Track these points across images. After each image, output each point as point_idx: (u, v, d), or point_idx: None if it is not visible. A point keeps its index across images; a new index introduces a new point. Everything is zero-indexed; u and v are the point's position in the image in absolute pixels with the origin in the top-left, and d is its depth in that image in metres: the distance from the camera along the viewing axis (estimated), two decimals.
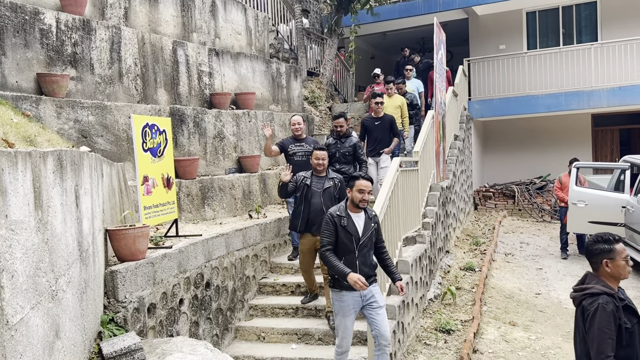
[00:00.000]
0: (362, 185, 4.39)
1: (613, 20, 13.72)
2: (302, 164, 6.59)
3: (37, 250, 2.52)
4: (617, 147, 14.52)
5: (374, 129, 8.21)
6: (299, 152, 6.87)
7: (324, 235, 4.44)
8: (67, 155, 3.14)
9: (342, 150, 6.87)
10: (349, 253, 4.42)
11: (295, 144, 6.91)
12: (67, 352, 2.94)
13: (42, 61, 6.18)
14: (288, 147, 6.91)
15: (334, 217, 4.43)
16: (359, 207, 4.47)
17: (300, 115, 7.19)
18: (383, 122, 8.17)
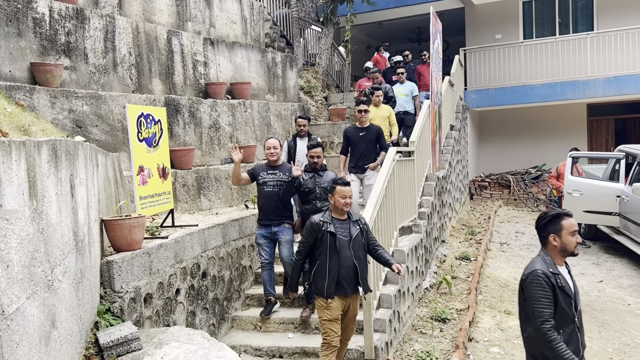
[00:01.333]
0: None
1: (609, 10, 13.70)
2: (272, 196, 5.66)
3: (33, 240, 2.51)
4: (613, 136, 14.56)
5: (358, 141, 7.20)
6: (270, 182, 5.72)
7: None
8: (61, 144, 3.12)
9: (323, 184, 5.67)
10: None
11: (268, 172, 5.76)
12: (63, 341, 2.94)
13: (36, 50, 6.12)
14: (259, 175, 5.78)
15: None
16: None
17: (276, 139, 5.91)
18: (368, 133, 7.20)
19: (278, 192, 5.65)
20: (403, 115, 9.57)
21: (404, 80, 9.89)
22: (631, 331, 6.20)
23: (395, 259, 6.19)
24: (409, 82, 9.98)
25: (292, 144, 7.19)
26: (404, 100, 9.70)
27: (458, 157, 11.42)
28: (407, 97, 9.78)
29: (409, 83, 9.93)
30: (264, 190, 5.71)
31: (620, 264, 8.69)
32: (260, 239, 5.73)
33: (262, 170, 5.79)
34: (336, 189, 4.50)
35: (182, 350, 3.46)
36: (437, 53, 8.70)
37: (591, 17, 14.00)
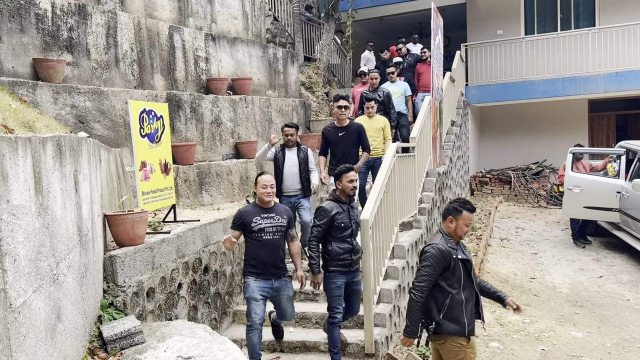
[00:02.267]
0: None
1: (611, 6, 13.68)
2: (273, 246, 4.71)
3: (38, 235, 2.55)
4: (614, 132, 14.56)
5: (338, 142, 6.49)
6: (269, 228, 4.70)
7: None
8: (66, 140, 3.16)
9: (358, 219, 5.05)
10: None
11: (263, 216, 4.72)
12: (68, 334, 2.99)
13: (38, 46, 6.16)
14: (251, 222, 4.68)
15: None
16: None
17: (271, 175, 4.98)
18: (348, 132, 6.48)
19: (279, 239, 4.75)
20: (397, 117, 8.90)
21: (395, 79, 9.34)
22: (630, 326, 6.24)
23: (396, 255, 6.26)
24: (401, 82, 9.47)
25: (280, 156, 6.35)
26: (397, 101, 9.06)
27: (459, 153, 11.45)
28: (400, 98, 9.25)
29: (401, 82, 9.45)
30: (261, 239, 4.66)
31: (620, 260, 8.73)
32: (257, 294, 4.65)
33: (253, 215, 4.68)
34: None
35: (184, 344, 3.51)
36: (438, 49, 8.72)
37: (593, 12, 13.99)
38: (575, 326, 6.27)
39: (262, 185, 4.71)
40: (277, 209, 4.82)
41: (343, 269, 4.78)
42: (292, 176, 6.33)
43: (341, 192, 4.84)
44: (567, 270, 8.38)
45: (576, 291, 7.48)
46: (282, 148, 6.43)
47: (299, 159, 6.36)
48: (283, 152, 6.40)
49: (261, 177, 4.76)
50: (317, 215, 4.80)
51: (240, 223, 4.72)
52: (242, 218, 4.72)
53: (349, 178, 4.78)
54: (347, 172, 4.80)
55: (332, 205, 4.79)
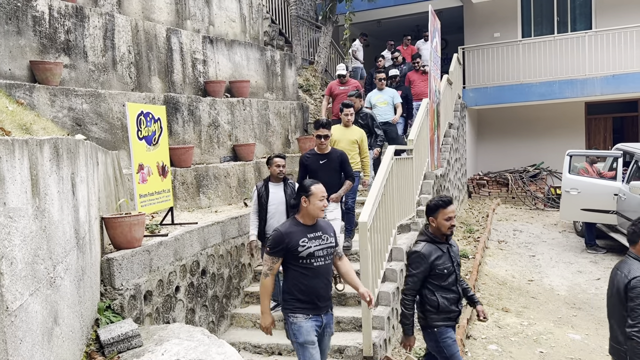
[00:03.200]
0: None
1: (607, 8, 13.73)
2: (324, 274, 3.82)
3: (35, 238, 2.54)
4: (610, 135, 14.61)
5: (317, 170, 5.91)
6: (319, 251, 3.76)
7: None
8: (63, 143, 3.14)
9: (459, 259, 4.42)
10: None
11: (310, 235, 3.76)
12: (65, 338, 2.97)
13: (35, 49, 6.14)
14: (298, 245, 3.70)
15: None
16: None
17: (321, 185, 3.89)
18: (330, 160, 5.96)
19: (330, 265, 3.86)
20: (384, 127, 8.41)
21: (384, 87, 8.89)
22: None
23: (394, 257, 6.25)
24: (389, 89, 9.01)
25: (262, 191, 5.68)
26: (384, 110, 8.68)
27: (456, 156, 11.46)
28: (387, 106, 8.75)
29: (389, 90, 8.96)
30: (312, 267, 3.71)
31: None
32: (313, 335, 3.77)
33: (299, 235, 3.70)
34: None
35: (182, 347, 3.49)
36: (435, 51, 8.73)
37: (589, 15, 14.04)
38: (573, 328, 6.27)
39: (319, 198, 3.71)
40: (321, 225, 3.86)
41: (450, 323, 3.99)
42: (278, 215, 5.59)
43: (436, 229, 3.94)
44: (565, 272, 8.38)
45: (574, 293, 7.48)
46: (265, 183, 5.74)
47: (286, 195, 5.66)
48: (267, 187, 5.70)
49: (317, 187, 3.72)
50: (411, 262, 3.92)
51: (282, 248, 3.67)
52: (285, 240, 3.67)
53: (446, 215, 3.86)
54: (445, 207, 3.88)
55: (429, 248, 3.89)
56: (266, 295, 3.76)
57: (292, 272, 3.74)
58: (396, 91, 9.02)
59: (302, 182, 3.82)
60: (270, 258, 3.71)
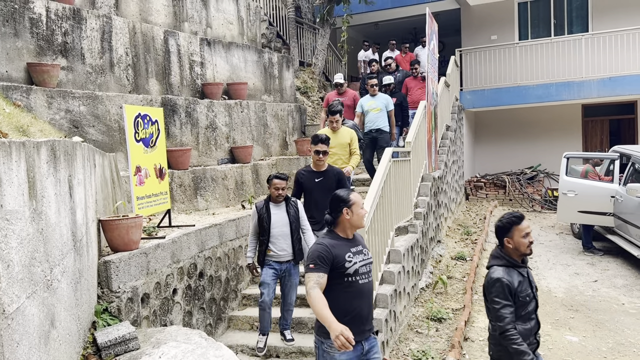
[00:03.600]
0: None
1: (604, 11, 13.78)
2: (368, 294, 3.43)
3: (32, 240, 2.53)
4: (607, 137, 14.65)
5: (313, 189, 5.64)
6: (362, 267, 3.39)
7: None
8: (60, 145, 3.14)
9: None
10: None
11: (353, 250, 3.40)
12: (62, 341, 2.96)
13: (33, 51, 6.13)
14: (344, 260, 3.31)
15: None
16: None
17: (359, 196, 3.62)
18: (326, 178, 5.64)
19: (372, 283, 3.48)
20: (376, 134, 8.15)
21: (376, 92, 8.41)
22: (625, 330, 6.25)
23: (392, 259, 6.25)
24: (382, 95, 8.50)
25: (263, 212, 5.24)
26: (376, 116, 8.23)
27: (454, 158, 11.47)
28: (380, 113, 8.26)
29: (382, 95, 8.46)
30: (357, 284, 3.32)
31: (614, 264, 8.76)
32: None
33: (344, 249, 3.32)
34: None
35: (180, 350, 3.48)
36: (432, 54, 8.75)
37: (586, 18, 14.09)
38: (570, 330, 6.28)
39: (360, 206, 3.40)
40: (358, 238, 3.51)
41: None
42: (283, 239, 5.20)
43: (513, 250, 3.48)
44: (562, 274, 8.39)
45: (571, 295, 7.49)
46: (265, 203, 5.29)
47: (290, 216, 5.25)
48: (267, 208, 5.26)
49: (356, 196, 3.39)
50: (495, 292, 3.38)
51: (329, 263, 3.23)
52: (333, 254, 3.26)
53: (523, 232, 3.45)
54: (520, 223, 3.47)
55: (510, 273, 3.44)
56: (322, 304, 3.07)
57: (333, 292, 3.24)
58: (390, 97, 8.58)
59: (337, 194, 3.43)
60: (315, 274, 3.18)
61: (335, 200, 3.43)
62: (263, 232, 5.23)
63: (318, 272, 3.19)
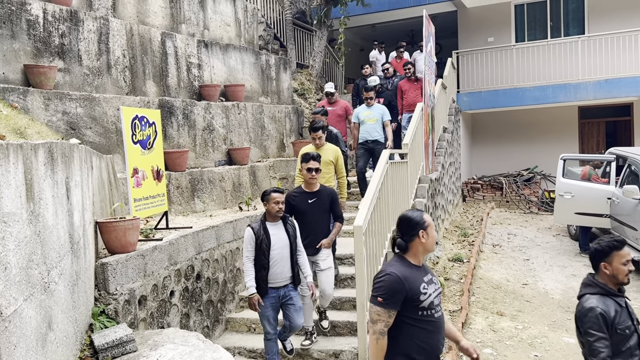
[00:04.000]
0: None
1: (600, 13, 13.84)
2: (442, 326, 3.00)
3: (30, 242, 2.52)
4: (604, 139, 14.70)
5: (307, 211, 5.33)
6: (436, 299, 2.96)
7: None
8: (57, 147, 3.13)
9: None
10: None
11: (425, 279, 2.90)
12: (59, 343, 2.95)
13: (29, 52, 6.12)
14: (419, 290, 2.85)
15: None
16: None
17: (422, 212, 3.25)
18: (320, 199, 5.38)
19: (443, 315, 3.09)
20: (372, 145, 8.11)
21: (372, 103, 8.29)
22: None
23: (389, 261, 6.24)
24: (379, 105, 8.41)
25: (261, 234, 4.71)
26: (372, 127, 8.13)
27: (451, 160, 11.49)
28: (376, 124, 8.17)
29: (378, 106, 8.37)
30: (433, 318, 2.95)
31: None
32: None
33: (417, 280, 2.92)
34: None
35: (177, 352, 3.48)
36: (430, 56, 8.77)
37: (582, 20, 14.15)
38: (567, 332, 6.29)
39: (433, 227, 3.05)
40: (426, 266, 3.12)
41: None
42: (282, 261, 4.74)
43: (610, 278, 3.17)
44: (559, 276, 8.41)
45: (568, 297, 7.51)
46: (261, 224, 4.78)
47: (289, 236, 4.82)
48: (265, 229, 4.76)
49: (428, 217, 3.05)
50: (589, 323, 3.07)
51: (401, 297, 2.85)
52: (406, 287, 2.85)
53: (623, 258, 3.16)
54: (621, 249, 3.19)
55: (606, 302, 3.09)
56: None
57: (405, 329, 2.89)
58: (386, 108, 8.38)
59: (409, 215, 3.04)
60: (385, 311, 2.82)
61: (408, 222, 3.01)
62: (261, 255, 4.66)
63: (389, 310, 2.83)
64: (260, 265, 4.69)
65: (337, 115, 8.78)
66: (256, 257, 4.69)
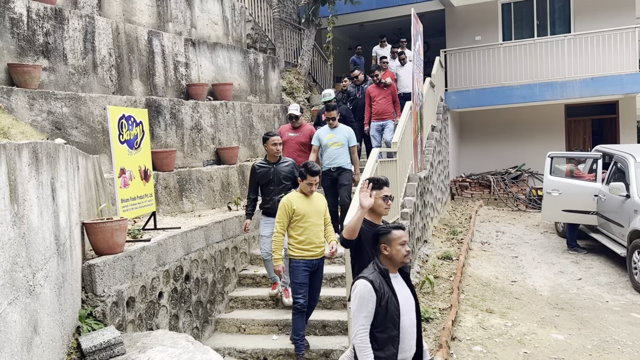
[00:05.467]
0: None
1: (586, 12, 13.96)
2: None
3: (14, 245, 2.47)
4: (590, 137, 14.83)
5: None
6: None
7: None
8: (42, 147, 3.08)
9: None
10: None
11: None
12: (45, 347, 2.90)
13: (13, 51, 6.02)
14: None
15: None
16: None
17: None
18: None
19: None
20: (336, 174, 6.94)
21: (336, 125, 7.07)
22: (610, 328, 6.32)
23: None
24: (343, 127, 7.16)
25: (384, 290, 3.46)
26: (337, 153, 6.93)
27: (439, 158, 11.52)
28: (341, 149, 6.95)
29: (343, 127, 7.13)
30: None
31: (598, 262, 8.86)
32: None
33: None
34: None
35: (166, 354, 3.44)
36: (418, 54, 8.78)
37: (568, 19, 14.26)
38: (556, 328, 6.33)
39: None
40: None
41: None
42: None
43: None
44: (547, 273, 8.47)
45: (556, 294, 7.56)
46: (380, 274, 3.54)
47: None
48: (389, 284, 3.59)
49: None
50: None
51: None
52: None
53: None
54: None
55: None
56: None
57: None
58: (352, 131, 7.21)
59: None
60: None
61: None
62: None
63: None
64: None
65: (299, 144, 7.26)
66: None
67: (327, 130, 7.09)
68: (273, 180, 5.83)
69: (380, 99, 8.94)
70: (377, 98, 8.94)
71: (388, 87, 8.95)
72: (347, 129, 7.14)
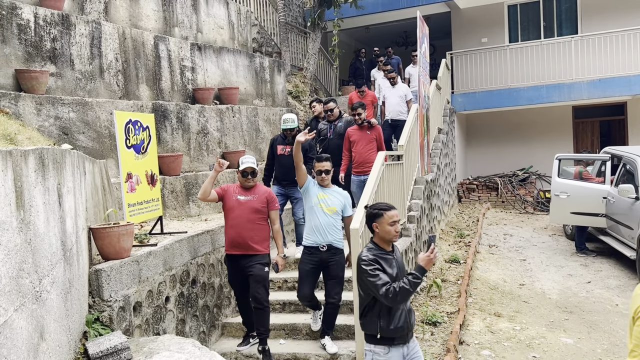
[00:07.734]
0: None
1: (593, 13, 13.88)
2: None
3: (20, 251, 2.47)
4: (598, 138, 14.73)
5: None
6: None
7: None
8: (48, 153, 3.08)
9: None
10: None
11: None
12: (52, 353, 2.90)
13: (21, 57, 6.06)
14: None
15: None
16: None
17: None
18: None
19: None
20: (327, 256, 5.17)
21: (329, 184, 5.37)
22: (620, 332, 6.25)
23: None
24: (339, 189, 5.47)
25: None
26: (330, 224, 5.20)
27: (446, 160, 11.48)
28: (334, 217, 5.24)
29: (338, 190, 5.43)
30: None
31: (607, 265, 8.78)
32: None
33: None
34: None
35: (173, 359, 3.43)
36: (424, 57, 8.75)
37: (575, 20, 14.18)
38: (565, 332, 6.27)
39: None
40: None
41: None
42: None
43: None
44: (555, 276, 8.40)
45: (565, 297, 7.50)
46: None
47: None
48: None
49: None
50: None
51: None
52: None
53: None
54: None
55: None
56: None
57: None
58: (348, 194, 5.52)
59: None
60: None
61: None
62: None
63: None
64: None
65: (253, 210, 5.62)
66: None
67: (317, 189, 5.28)
68: None
69: (362, 146, 7.12)
70: (358, 143, 7.13)
71: (372, 131, 7.19)
72: (344, 193, 5.42)
